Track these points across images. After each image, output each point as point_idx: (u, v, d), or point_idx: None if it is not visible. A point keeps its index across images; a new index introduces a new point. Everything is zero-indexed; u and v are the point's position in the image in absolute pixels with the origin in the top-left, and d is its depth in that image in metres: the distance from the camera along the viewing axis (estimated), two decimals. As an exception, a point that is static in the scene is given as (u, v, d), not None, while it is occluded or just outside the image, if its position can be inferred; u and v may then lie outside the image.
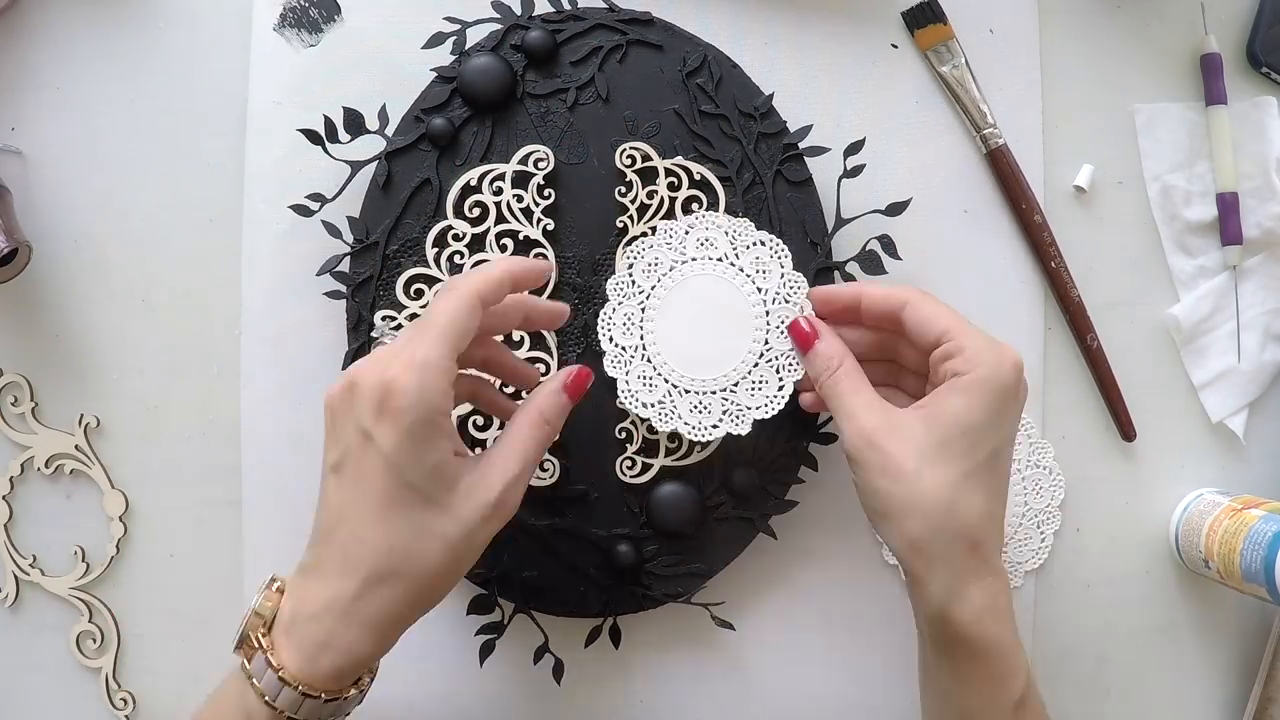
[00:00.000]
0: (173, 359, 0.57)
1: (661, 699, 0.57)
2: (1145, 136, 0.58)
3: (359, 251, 0.53)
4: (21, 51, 0.57)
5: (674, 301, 0.50)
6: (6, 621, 0.58)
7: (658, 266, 0.50)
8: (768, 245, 0.50)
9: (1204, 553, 0.54)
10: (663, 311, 0.50)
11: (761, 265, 0.50)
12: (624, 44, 0.54)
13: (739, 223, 0.50)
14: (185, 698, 0.58)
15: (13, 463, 0.57)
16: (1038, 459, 0.57)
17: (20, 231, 0.54)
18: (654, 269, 0.50)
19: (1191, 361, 0.58)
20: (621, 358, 0.50)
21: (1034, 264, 0.57)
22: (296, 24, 0.56)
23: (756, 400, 0.49)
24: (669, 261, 0.50)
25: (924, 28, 0.57)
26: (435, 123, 0.53)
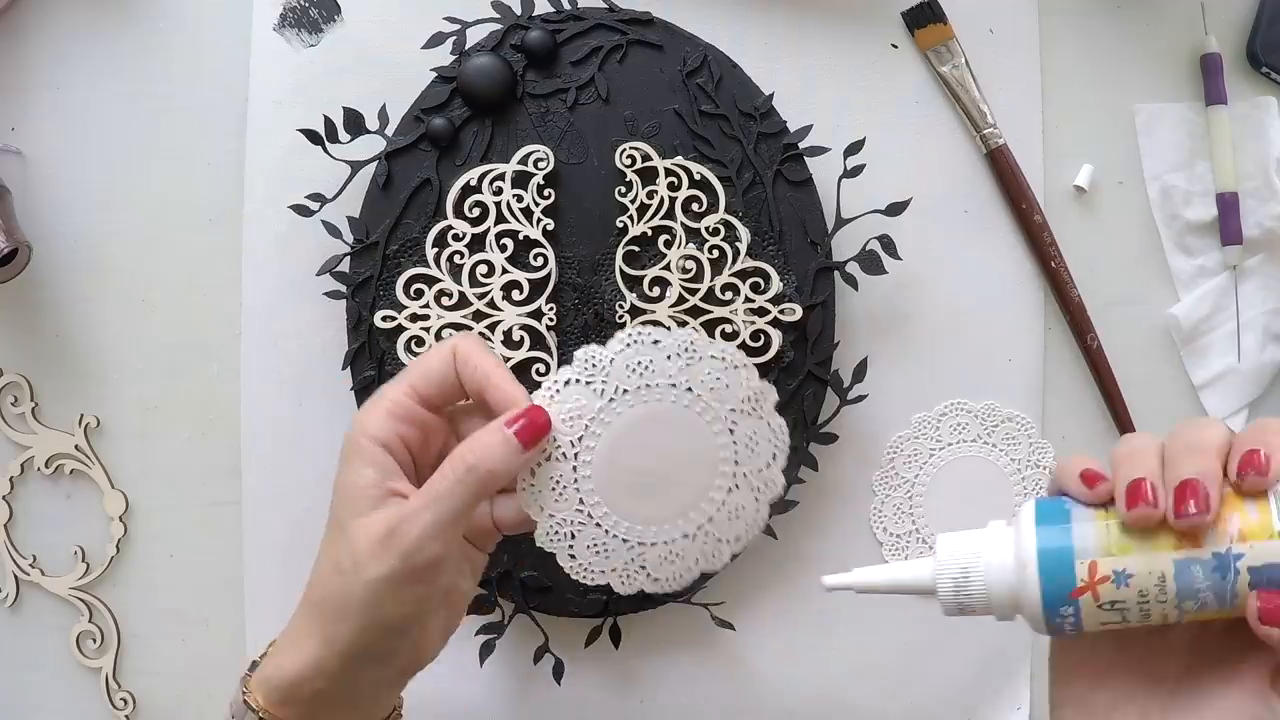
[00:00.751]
0: (173, 359, 0.57)
1: (661, 699, 0.57)
2: (1145, 136, 0.58)
3: (359, 251, 0.53)
4: (21, 51, 0.57)
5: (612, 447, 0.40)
6: (6, 621, 0.58)
7: (582, 410, 0.40)
8: (722, 358, 0.40)
9: None
10: (601, 463, 0.40)
11: (715, 379, 0.40)
12: (624, 44, 0.54)
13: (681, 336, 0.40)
14: (185, 698, 0.58)
15: (13, 463, 0.57)
16: (1038, 459, 0.57)
17: (20, 231, 0.54)
18: (578, 416, 0.40)
19: (1191, 361, 0.58)
20: (560, 530, 0.40)
21: (1034, 264, 0.57)
22: (296, 24, 0.56)
23: (734, 529, 0.41)
24: (595, 404, 0.40)
25: (924, 28, 0.57)
26: (435, 123, 0.53)
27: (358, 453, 0.39)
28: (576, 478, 0.40)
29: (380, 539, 0.37)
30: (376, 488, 0.38)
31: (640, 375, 0.40)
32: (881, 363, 0.56)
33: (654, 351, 0.40)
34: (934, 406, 0.57)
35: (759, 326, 0.52)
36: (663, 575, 0.41)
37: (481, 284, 0.52)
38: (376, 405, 0.39)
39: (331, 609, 0.38)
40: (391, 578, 0.37)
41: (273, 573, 0.56)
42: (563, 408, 0.40)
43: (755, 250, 0.53)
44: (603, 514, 0.40)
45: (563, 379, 0.39)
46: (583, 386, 0.39)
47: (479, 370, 0.39)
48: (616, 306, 0.53)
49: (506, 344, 0.52)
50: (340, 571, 0.38)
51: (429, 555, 0.37)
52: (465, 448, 0.38)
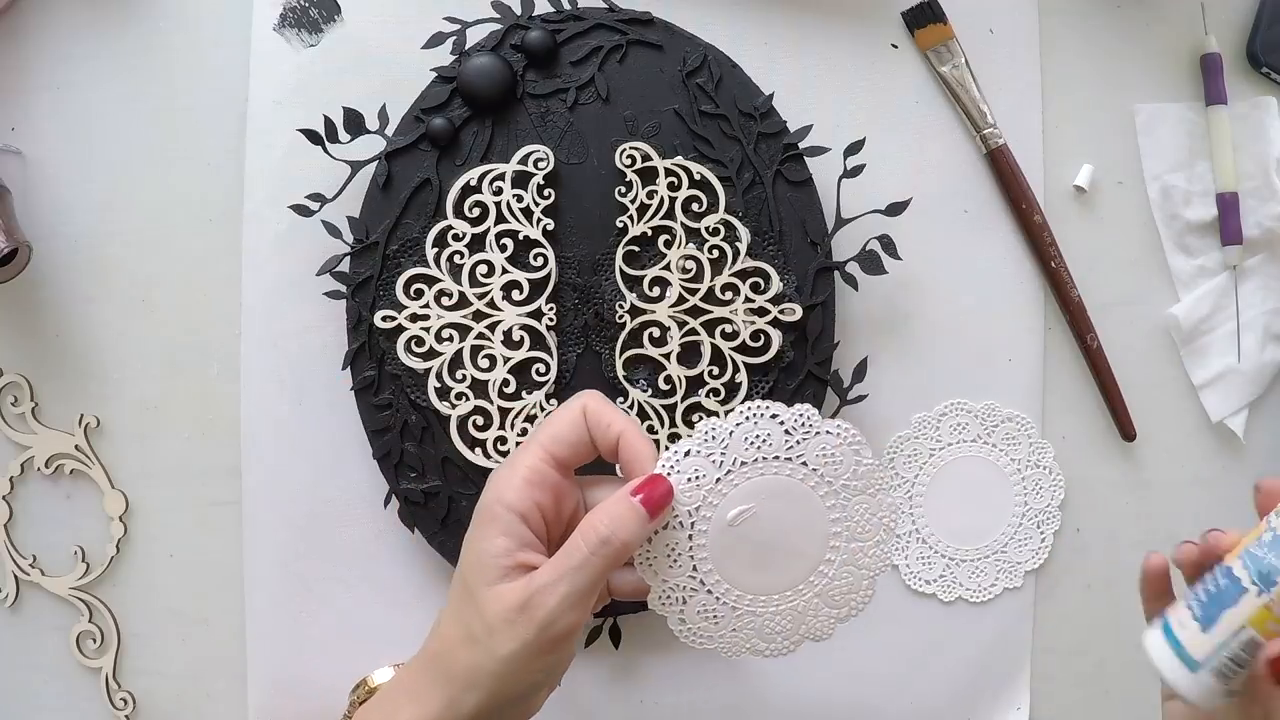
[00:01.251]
0: (172, 359, 0.57)
1: (662, 699, 0.57)
2: (1145, 136, 0.58)
3: (359, 251, 0.53)
4: (21, 51, 0.57)
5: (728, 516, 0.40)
6: (6, 621, 0.58)
7: (700, 480, 0.40)
8: (837, 433, 0.40)
9: None
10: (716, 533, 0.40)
11: (829, 455, 0.40)
12: (624, 44, 0.54)
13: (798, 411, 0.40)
14: (185, 698, 0.58)
15: (13, 463, 0.57)
16: (1038, 459, 0.57)
17: (20, 231, 0.54)
18: (696, 486, 0.40)
19: (1191, 361, 0.58)
20: (673, 595, 0.41)
21: (1034, 264, 0.57)
22: (296, 24, 0.56)
23: (842, 603, 0.42)
24: (712, 474, 0.40)
25: (924, 28, 0.57)
26: (435, 123, 0.53)
27: (493, 520, 0.38)
28: (692, 546, 0.40)
29: (515, 609, 0.37)
30: (509, 556, 0.38)
31: (758, 448, 0.40)
32: (881, 363, 0.56)
33: (771, 425, 0.40)
34: (934, 406, 0.57)
35: (759, 326, 0.52)
36: (767, 645, 0.42)
37: (481, 284, 0.52)
38: (513, 472, 0.39)
39: (461, 676, 0.38)
40: (526, 649, 0.37)
41: (273, 573, 0.56)
42: (681, 478, 0.40)
43: (755, 250, 0.53)
44: (715, 581, 0.41)
45: (683, 450, 0.40)
46: (701, 458, 0.40)
47: (612, 429, 0.39)
48: (616, 306, 0.53)
49: (506, 344, 0.52)
50: (473, 640, 0.38)
51: (564, 626, 0.37)
52: (597, 519, 0.38)
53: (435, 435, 0.53)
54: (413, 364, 0.52)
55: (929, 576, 0.57)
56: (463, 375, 0.52)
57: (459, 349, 0.52)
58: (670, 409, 0.52)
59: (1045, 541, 0.58)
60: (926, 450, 0.57)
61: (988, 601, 0.58)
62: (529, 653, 0.37)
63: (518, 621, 0.37)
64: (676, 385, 0.52)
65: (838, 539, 0.41)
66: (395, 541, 0.56)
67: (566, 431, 0.40)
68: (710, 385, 0.52)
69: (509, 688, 0.38)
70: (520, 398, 0.52)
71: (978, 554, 0.57)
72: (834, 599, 0.42)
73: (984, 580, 0.58)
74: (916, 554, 0.57)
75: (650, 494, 0.38)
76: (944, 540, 0.57)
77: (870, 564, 0.42)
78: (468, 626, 0.38)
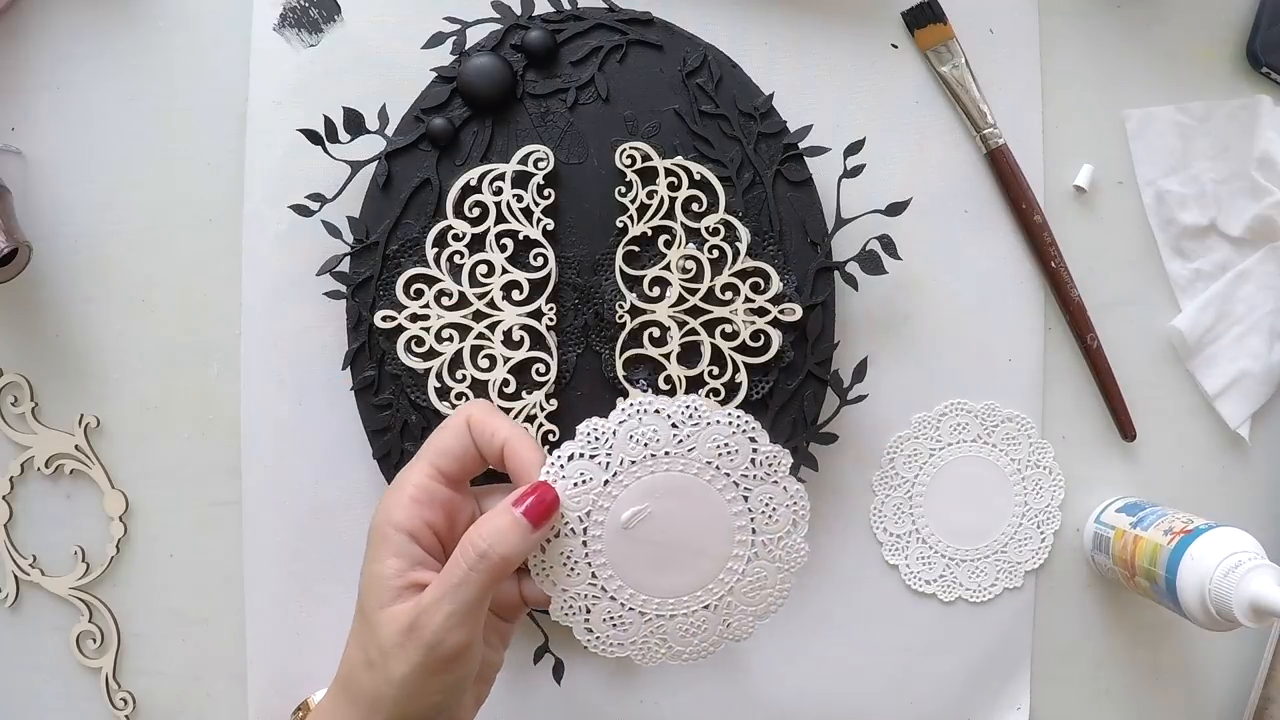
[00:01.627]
0: (172, 359, 0.57)
1: (661, 699, 0.57)
2: (1136, 141, 0.58)
3: (359, 251, 0.53)
4: (21, 51, 0.57)
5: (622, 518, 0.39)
6: (6, 621, 0.58)
7: (588, 484, 0.39)
8: (728, 423, 0.39)
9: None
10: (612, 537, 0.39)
11: (721, 445, 0.39)
12: (624, 44, 0.54)
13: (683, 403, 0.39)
14: (185, 698, 0.58)
15: (13, 463, 0.57)
16: (1038, 459, 0.57)
17: (20, 231, 0.54)
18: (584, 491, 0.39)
19: (1201, 371, 0.58)
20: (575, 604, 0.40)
21: (1034, 264, 0.57)
22: (296, 24, 0.56)
23: (759, 599, 0.41)
24: (600, 476, 0.39)
25: (924, 28, 0.57)
26: (435, 123, 0.53)
27: (382, 541, 0.38)
28: (588, 552, 0.39)
29: (403, 631, 0.37)
30: (400, 577, 0.38)
31: (645, 445, 0.38)
32: (881, 363, 0.56)
33: (656, 420, 0.38)
34: (934, 406, 0.57)
35: (759, 326, 0.52)
36: (685, 648, 0.41)
37: (481, 284, 0.52)
38: (400, 492, 0.39)
39: (365, 700, 0.38)
40: (417, 671, 0.37)
41: (273, 573, 0.56)
42: (567, 483, 0.38)
43: (755, 250, 0.53)
44: (617, 587, 0.40)
45: (566, 454, 0.38)
46: (586, 460, 0.38)
47: (496, 437, 0.39)
48: (616, 306, 0.53)
49: (506, 344, 0.52)
50: (370, 665, 0.38)
51: (452, 645, 0.37)
52: (476, 533, 0.37)
53: (435, 435, 0.53)
54: (413, 364, 0.52)
55: (929, 576, 0.57)
56: (463, 375, 0.52)
57: (459, 349, 0.52)
58: (670, 409, 0.52)
59: (1045, 541, 0.58)
60: (926, 450, 0.57)
61: (988, 601, 0.58)
62: (421, 674, 0.37)
63: (406, 644, 0.36)
64: (676, 385, 0.52)
65: (743, 533, 0.40)
66: (395, 541, 0.56)
67: (451, 444, 0.39)
68: (710, 385, 0.52)
69: (411, 708, 0.37)
70: (520, 398, 0.52)
71: (978, 554, 0.57)
72: (749, 596, 0.41)
73: (984, 580, 0.58)
74: (916, 554, 0.57)
75: (534, 504, 0.37)
76: (944, 540, 0.57)
77: (784, 556, 0.40)
78: (366, 650, 0.38)
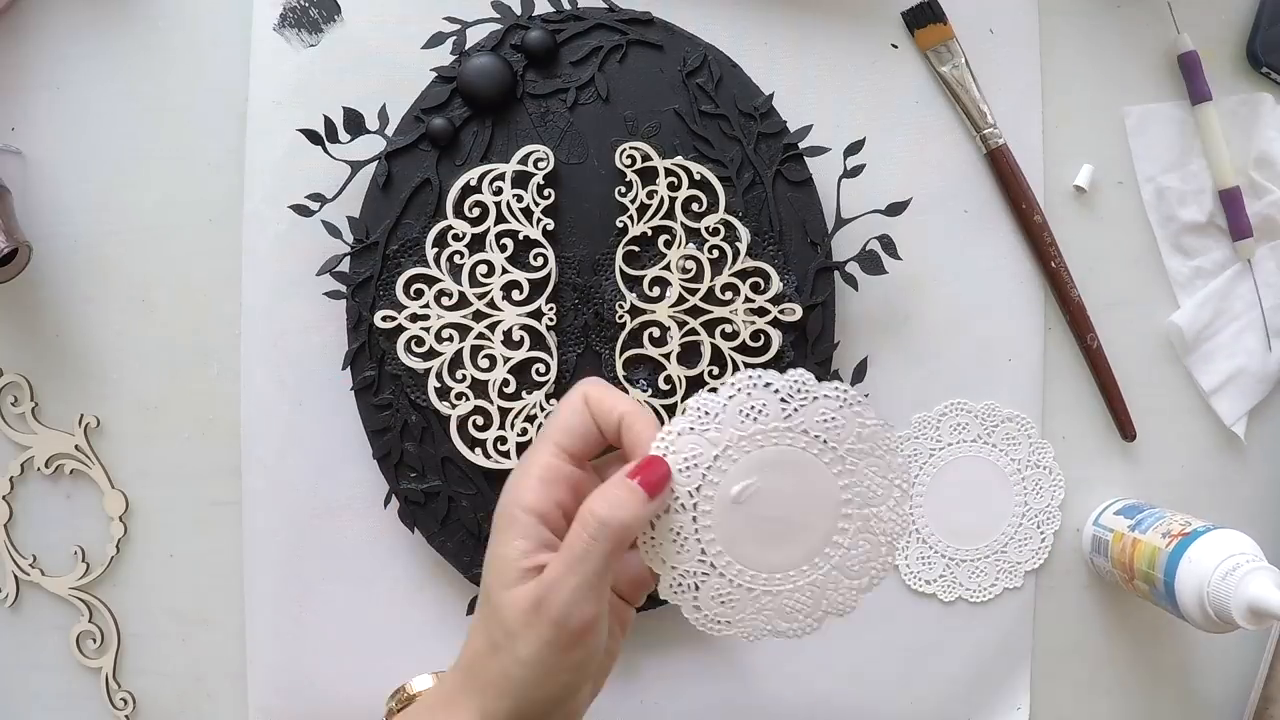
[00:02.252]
0: (173, 359, 0.57)
1: (662, 698, 0.57)
2: (1136, 138, 0.58)
3: (359, 251, 0.53)
4: (21, 51, 0.57)
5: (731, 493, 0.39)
6: (6, 621, 0.58)
7: (697, 459, 0.38)
8: (835, 396, 0.38)
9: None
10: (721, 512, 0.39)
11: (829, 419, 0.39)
12: (624, 44, 0.54)
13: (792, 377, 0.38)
14: (185, 698, 0.58)
15: (13, 463, 0.57)
16: (1038, 459, 0.57)
17: (20, 231, 0.54)
18: (694, 466, 0.38)
19: (1198, 368, 0.58)
20: (684, 582, 0.40)
21: (1034, 264, 0.57)
22: (296, 24, 0.56)
23: (862, 572, 0.40)
24: (710, 452, 0.38)
25: (924, 28, 0.57)
26: (435, 123, 0.53)
27: (511, 524, 0.37)
28: (697, 528, 0.39)
29: (530, 610, 0.36)
30: (526, 558, 0.37)
31: (754, 421, 0.38)
32: (881, 363, 0.56)
33: (766, 395, 0.38)
34: (934, 406, 0.57)
35: (759, 326, 0.52)
36: (789, 624, 0.40)
37: (481, 284, 0.52)
38: (526, 475, 0.38)
39: (491, 685, 0.37)
40: (547, 649, 0.36)
41: (273, 573, 0.56)
42: (678, 458, 0.38)
43: (755, 250, 0.53)
44: (725, 563, 0.39)
45: (676, 429, 0.38)
46: (697, 435, 0.38)
47: (614, 413, 0.39)
48: (616, 306, 0.53)
49: (506, 344, 0.52)
50: (496, 647, 0.37)
51: (581, 619, 0.36)
52: (594, 503, 0.36)
53: (435, 435, 0.53)
54: (413, 364, 0.52)
55: (929, 576, 0.57)
56: (463, 375, 0.52)
57: (459, 349, 0.52)
58: (670, 409, 0.52)
59: (1045, 541, 0.58)
60: (926, 450, 0.57)
61: (988, 601, 0.58)
62: (551, 652, 0.36)
63: (534, 621, 0.36)
64: (676, 385, 0.52)
65: (849, 506, 0.39)
66: (395, 541, 0.56)
67: (572, 422, 0.39)
68: (710, 385, 0.52)
69: (539, 691, 0.37)
70: (520, 398, 0.52)
71: (978, 554, 0.57)
72: (852, 569, 0.40)
73: (984, 580, 0.57)
74: (916, 554, 0.57)
75: (647, 475, 0.37)
76: (944, 540, 0.57)
77: (886, 528, 0.40)
78: (490, 634, 0.37)
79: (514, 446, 0.52)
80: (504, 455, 0.52)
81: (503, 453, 0.52)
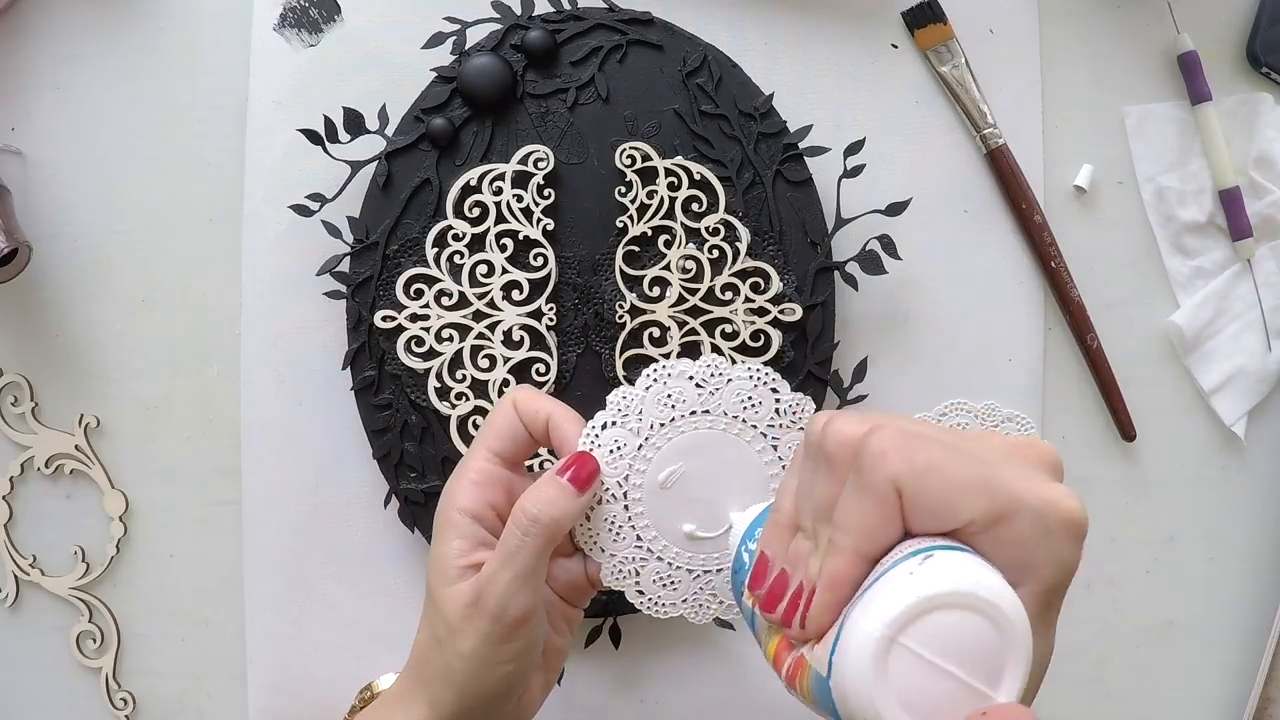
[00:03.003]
0: (173, 359, 0.57)
1: (662, 699, 0.57)
2: (1136, 138, 0.58)
3: (359, 251, 0.53)
4: (21, 51, 0.57)
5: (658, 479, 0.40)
6: (6, 621, 0.58)
7: (622, 450, 0.40)
8: (749, 376, 0.40)
9: None
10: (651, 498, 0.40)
11: (745, 399, 0.40)
12: (624, 44, 0.54)
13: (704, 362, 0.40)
14: (185, 698, 0.58)
15: (13, 463, 0.57)
16: (1038, 459, 0.57)
17: (20, 231, 0.54)
18: (620, 457, 0.40)
19: (1198, 368, 0.58)
20: (624, 568, 0.41)
21: (1034, 264, 0.57)
22: (296, 24, 0.56)
23: None
24: (634, 442, 0.40)
25: (924, 28, 0.57)
26: (435, 123, 0.53)
27: (448, 525, 0.40)
28: (630, 516, 0.40)
29: (469, 605, 0.38)
30: (463, 557, 0.39)
31: (673, 407, 0.40)
32: (881, 363, 0.56)
33: (681, 383, 0.40)
34: (934, 406, 0.57)
35: (759, 326, 0.52)
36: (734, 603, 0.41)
37: (481, 284, 0.52)
38: (461, 478, 0.40)
39: (436, 677, 0.39)
40: (486, 641, 0.38)
41: (273, 573, 0.56)
42: (604, 450, 0.40)
43: (755, 250, 0.53)
44: (662, 547, 0.41)
45: (600, 423, 0.40)
46: (619, 429, 0.40)
47: (540, 414, 0.41)
48: (616, 306, 0.53)
49: (506, 344, 0.52)
50: (439, 642, 0.39)
51: (516, 610, 0.38)
52: (526, 501, 0.39)
53: (435, 435, 0.53)
54: (413, 364, 0.52)
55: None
56: (463, 375, 0.52)
57: (459, 349, 0.52)
58: (670, 409, 0.52)
59: (1045, 541, 0.57)
60: None
61: (988, 601, 0.57)
62: (489, 644, 0.38)
63: (473, 615, 0.38)
64: (676, 385, 0.52)
65: (776, 481, 0.40)
66: (395, 541, 0.56)
67: (502, 426, 0.41)
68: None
69: (479, 683, 0.39)
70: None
71: None
72: None
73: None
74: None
75: (575, 471, 0.39)
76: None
77: None
78: (434, 629, 0.39)
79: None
80: (504, 455, 0.52)
81: (503, 453, 0.52)
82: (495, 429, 0.41)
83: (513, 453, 0.41)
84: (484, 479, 0.40)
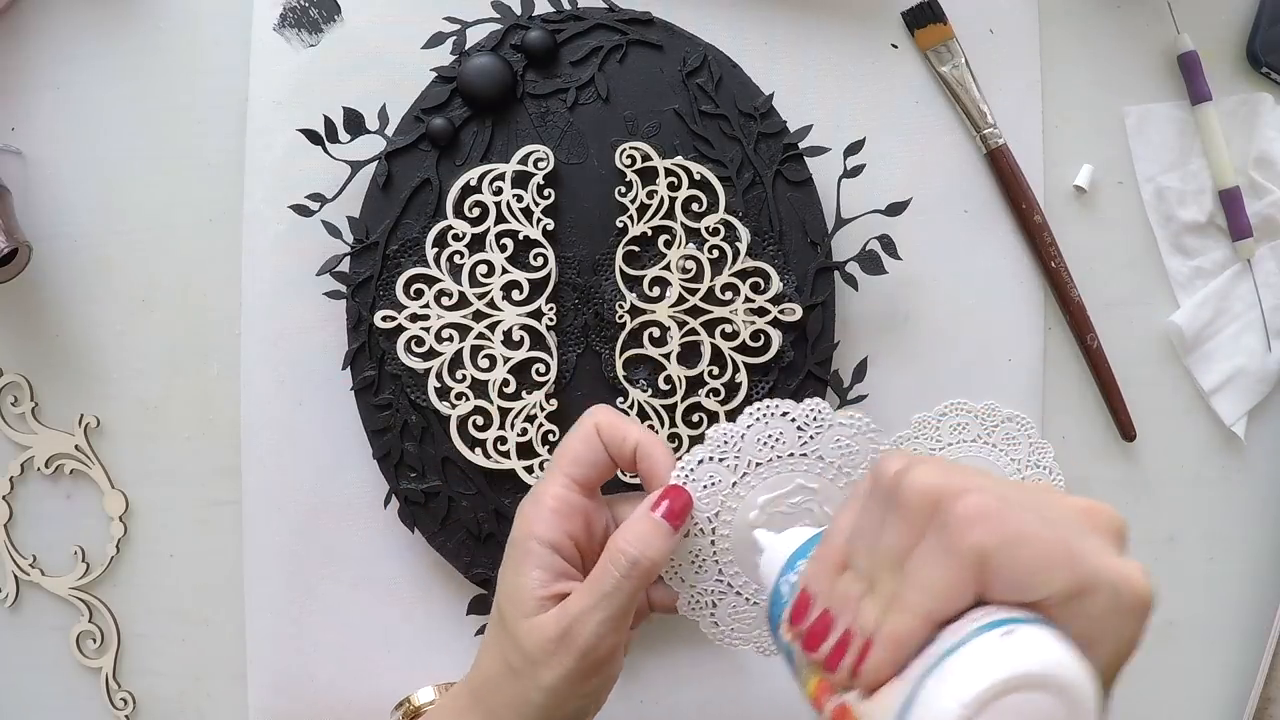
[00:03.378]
0: (173, 359, 0.57)
1: (662, 699, 0.57)
2: (1136, 138, 0.58)
3: (359, 251, 0.53)
4: (21, 51, 0.57)
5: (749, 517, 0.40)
6: (6, 621, 0.58)
7: (716, 486, 0.40)
8: (850, 424, 0.40)
9: None
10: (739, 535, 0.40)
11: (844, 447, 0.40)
12: (624, 44, 0.54)
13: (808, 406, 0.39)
14: (185, 698, 0.58)
15: (13, 463, 0.57)
16: (1038, 459, 0.57)
17: (20, 231, 0.54)
18: (713, 493, 0.40)
19: (1198, 368, 0.58)
20: (701, 599, 0.41)
21: (1034, 264, 0.57)
22: (296, 24, 0.56)
23: None
24: (728, 479, 0.40)
25: (924, 28, 0.57)
26: (435, 123, 0.53)
27: (526, 555, 0.39)
28: (715, 551, 0.40)
29: (554, 639, 0.37)
30: (544, 588, 0.38)
31: (771, 448, 0.39)
32: (881, 363, 0.56)
33: (783, 424, 0.39)
34: (934, 406, 0.57)
35: (759, 326, 0.52)
36: None
37: (481, 284, 0.52)
38: (539, 505, 0.39)
39: (506, 708, 0.38)
40: (569, 677, 0.37)
41: (273, 573, 0.56)
42: (698, 485, 0.39)
43: (755, 250, 0.53)
44: (743, 583, 0.41)
45: (696, 458, 0.39)
46: (716, 464, 0.39)
47: (627, 442, 0.40)
48: (616, 306, 0.53)
49: (506, 344, 0.52)
50: (514, 673, 0.38)
51: (605, 650, 0.38)
52: (624, 540, 0.38)
53: (435, 435, 0.53)
54: (413, 364, 0.52)
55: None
56: (463, 375, 0.52)
57: (459, 349, 0.52)
58: (670, 409, 0.52)
59: (1045, 541, 0.57)
60: (926, 450, 0.57)
61: (988, 601, 0.58)
62: (572, 680, 0.37)
63: (558, 651, 0.37)
64: (676, 385, 0.52)
65: None
66: (395, 541, 0.56)
67: (583, 452, 0.40)
68: (710, 385, 0.52)
69: (553, 715, 0.38)
70: (520, 398, 0.52)
71: None
72: None
73: None
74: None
75: (670, 507, 0.38)
76: None
77: None
78: (507, 659, 0.38)
79: (514, 446, 0.52)
80: (504, 455, 0.52)
81: (502, 453, 0.52)
82: (573, 454, 0.40)
83: (592, 479, 0.40)
84: (563, 507, 0.39)
